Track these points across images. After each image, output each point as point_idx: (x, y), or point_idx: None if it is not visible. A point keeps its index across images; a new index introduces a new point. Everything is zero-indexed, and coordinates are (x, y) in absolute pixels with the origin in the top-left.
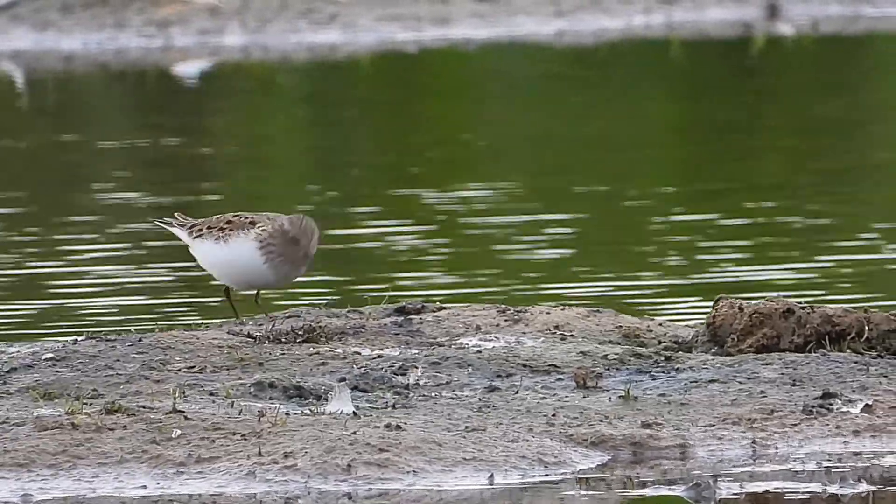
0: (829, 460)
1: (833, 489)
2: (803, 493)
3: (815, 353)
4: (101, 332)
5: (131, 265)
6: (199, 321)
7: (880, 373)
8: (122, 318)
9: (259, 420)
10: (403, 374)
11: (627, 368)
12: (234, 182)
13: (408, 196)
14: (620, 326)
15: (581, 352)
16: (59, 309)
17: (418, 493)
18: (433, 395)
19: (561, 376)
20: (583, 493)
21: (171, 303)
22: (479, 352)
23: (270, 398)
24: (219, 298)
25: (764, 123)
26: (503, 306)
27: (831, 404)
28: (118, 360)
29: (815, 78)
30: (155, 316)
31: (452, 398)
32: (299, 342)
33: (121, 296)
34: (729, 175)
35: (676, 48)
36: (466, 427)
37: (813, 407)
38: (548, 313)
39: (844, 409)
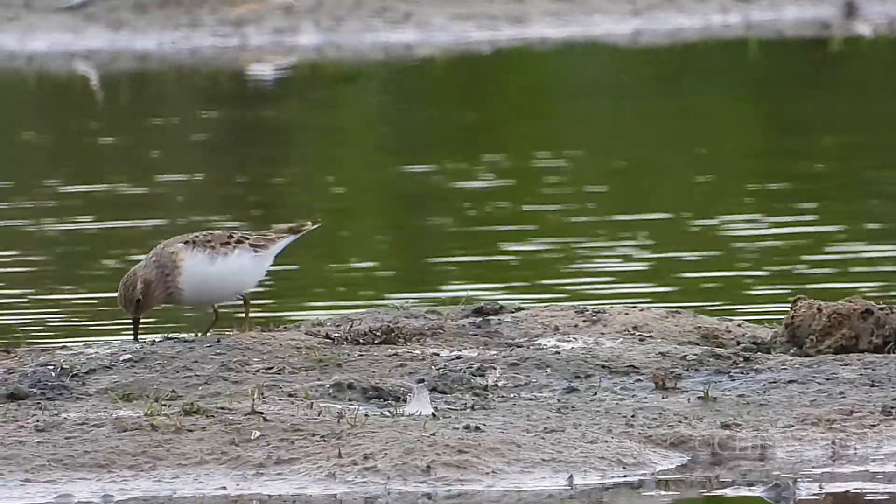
0: None
1: None
2: (882, 494)
3: (893, 353)
4: (180, 332)
5: None
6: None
7: None
8: (200, 318)
9: (338, 421)
10: (482, 376)
11: (706, 369)
12: (310, 181)
13: (485, 194)
14: (699, 327)
15: (660, 352)
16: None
17: (497, 494)
18: (512, 396)
19: (640, 377)
20: (662, 494)
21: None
22: (558, 353)
23: (349, 399)
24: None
25: (841, 122)
26: (582, 307)
27: None
28: (196, 362)
29: (893, 77)
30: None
31: (531, 399)
32: (378, 343)
33: None
34: (805, 174)
35: (754, 47)
36: (545, 428)
37: (892, 408)
38: (626, 314)
39: None
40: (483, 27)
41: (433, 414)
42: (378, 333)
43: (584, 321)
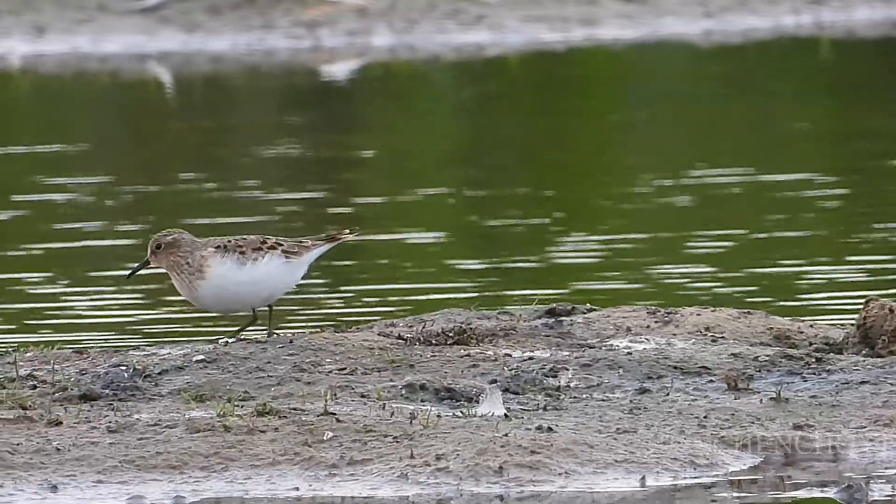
0: None
1: None
2: None
3: None
4: (252, 333)
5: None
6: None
7: None
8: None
9: (411, 422)
10: (554, 376)
11: (778, 370)
12: (383, 179)
13: (555, 198)
14: (771, 328)
15: (732, 353)
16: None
17: (570, 494)
18: (584, 396)
19: (712, 378)
20: (734, 495)
21: (321, 302)
22: (630, 353)
23: (422, 400)
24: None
25: None
26: (653, 308)
27: None
28: (269, 362)
29: None
30: (305, 317)
31: (603, 400)
32: (450, 344)
33: None
34: (877, 174)
35: (825, 48)
36: (618, 429)
37: None
38: (698, 315)
39: None
40: (555, 29)
41: (505, 415)
42: (450, 334)
43: (655, 322)
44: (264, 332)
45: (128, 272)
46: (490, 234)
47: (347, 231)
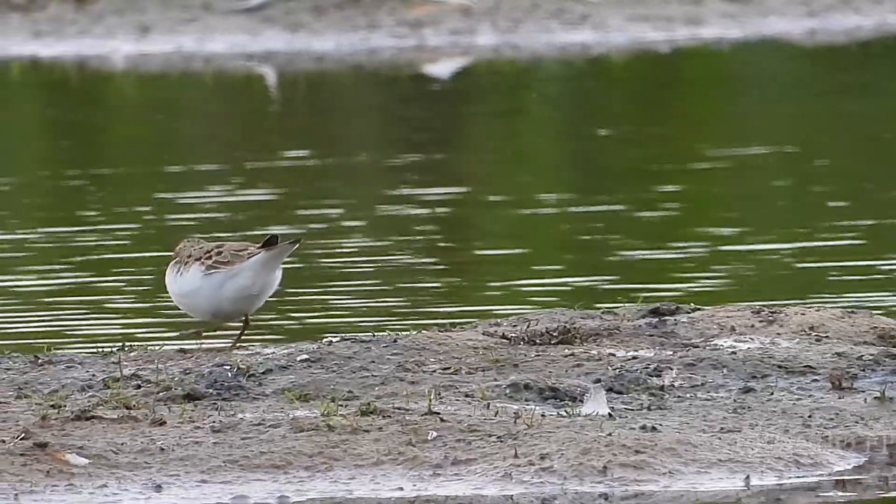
0: None
1: None
2: None
3: None
4: (356, 333)
5: (386, 260)
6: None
7: None
8: (378, 318)
9: (515, 422)
10: (658, 376)
11: (883, 369)
12: (488, 179)
13: (658, 197)
14: (876, 327)
15: (836, 353)
16: (312, 306)
17: (674, 494)
18: (688, 396)
19: (816, 377)
20: (839, 495)
21: (424, 301)
22: (734, 353)
23: (526, 400)
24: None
25: None
26: (758, 307)
27: None
28: (373, 362)
29: None
30: (410, 316)
31: (707, 399)
32: (554, 343)
33: (378, 296)
34: None
35: None
36: (722, 428)
37: None
38: (802, 314)
39: None
40: (659, 28)
41: (609, 414)
42: (555, 334)
43: (760, 321)
44: (367, 331)
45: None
46: (594, 232)
47: (288, 242)
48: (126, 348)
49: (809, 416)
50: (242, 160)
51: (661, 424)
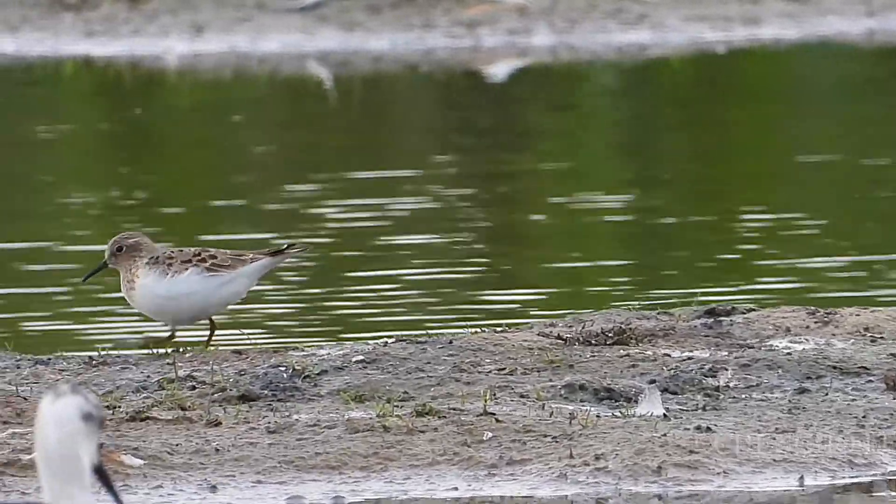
0: None
1: None
2: None
3: None
4: (412, 334)
5: (441, 261)
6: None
7: None
8: (433, 319)
9: (570, 422)
10: (713, 376)
11: None
12: (545, 179)
13: (715, 198)
14: None
15: (891, 354)
16: (368, 306)
17: (728, 494)
18: (743, 396)
19: (871, 378)
20: (893, 495)
21: (479, 301)
22: (789, 353)
23: (581, 400)
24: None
25: None
26: (813, 308)
27: None
28: (429, 363)
29: None
30: (465, 317)
31: (762, 400)
32: (609, 344)
33: (433, 297)
34: None
35: None
36: (776, 429)
37: None
38: (857, 315)
39: None
40: (717, 28)
41: (664, 414)
42: (610, 334)
43: (815, 322)
44: (422, 332)
45: (84, 277)
46: (650, 232)
47: (290, 244)
48: (181, 349)
49: (864, 417)
50: (296, 161)
51: (715, 425)
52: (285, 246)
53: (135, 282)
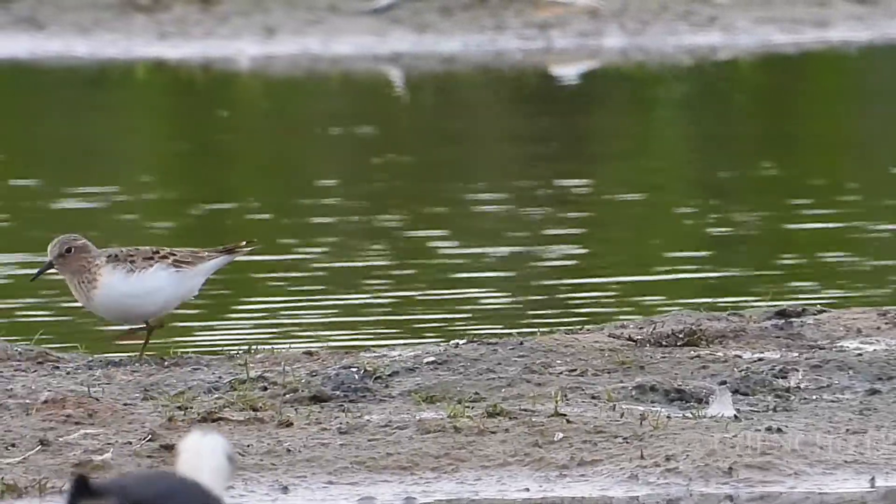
0: None
1: None
2: None
3: None
4: (483, 335)
5: (512, 261)
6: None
7: None
8: (504, 320)
9: (641, 423)
10: (784, 377)
11: None
12: (616, 180)
13: (785, 200)
14: None
15: None
16: (439, 307)
17: (799, 495)
18: (814, 398)
19: None
20: None
21: (550, 302)
22: (860, 355)
23: (651, 401)
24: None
25: None
26: (884, 309)
27: None
28: (500, 364)
29: None
30: (536, 318)
31: (833, 401)
32: (680, 345)
33: (504, 298)
34: None
35: None
36: (847, 430)
37: None
38: None
39: None
40: (786, 30)
41: (735, 416)
42: (681, 335)
43: (886, 323)
44: (493, 334)
45: (31, 277)
46: (721, 233)
47: (244, 243)
48: (252, 350)
49: None
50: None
51: (786, 426)
52: (244, 243)
53: (97, 281)
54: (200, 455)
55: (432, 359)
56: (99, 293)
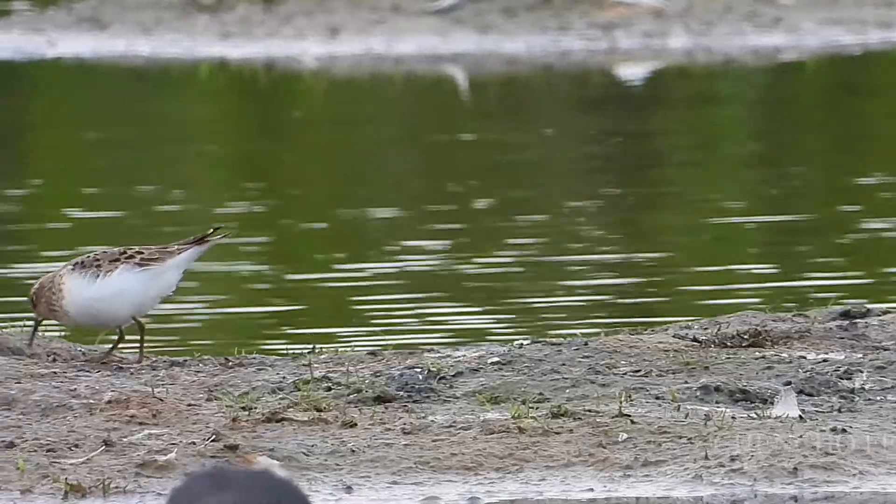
0: None
1: None
2: None
3: None
4: (547, 335)
5: (577, 262)
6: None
7: None
8: (568, 321)
9: (705, 424)
10: (848, 378)
11: None
12: (680, 182)
13: (862, 195)
14: None
15: None
16: (503, 308)
17: (864, 496)
18: (878, 399)
19: None
20: None
21: (614, 303)
22: None
23: (716, 402)
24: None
25: None
26: None
27: None
28: (564, 364)
29: None
30: (600, 319)
31: None
32: (745, 346)
33: (568, 299)
34: None
35: None
36: None
37: None
38: None
39: None
40: (851, 31)
41: (800, 416)
42: (745, 336)
43: None
44: (557, 334)
45: (28, 342)
46: (786, 234)
47: (211, 231)
48: (316, 350)
49: None
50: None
51: (851, 426)
52: (210, 231)
53: (62, 291)
54: None
55: (496, 359)
56: (65, 301)
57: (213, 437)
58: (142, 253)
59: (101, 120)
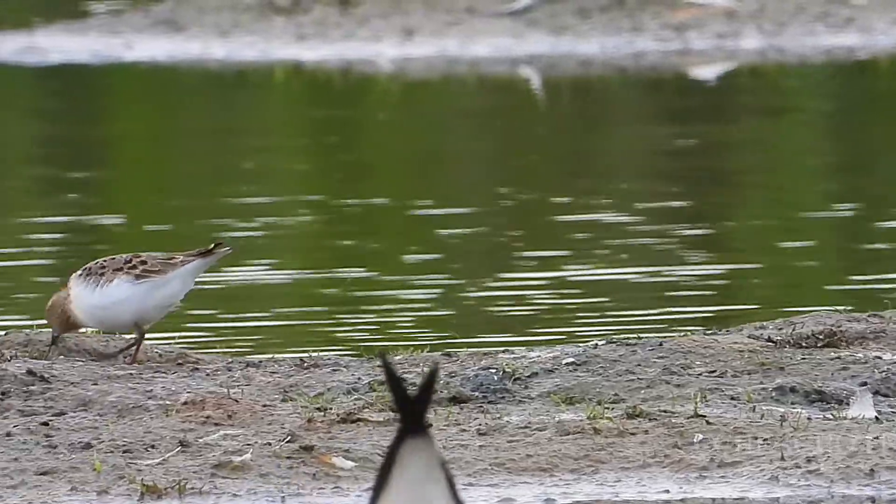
0: None
1: None
2: None
3: None
4: (622, 336)
5: (647, 263)
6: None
7: None
8: (642, 321)
9: (781, 425)
10: None
11: None
12: (756, 182)
13: None
14: None
15: None
16: (580, 309)
17: None
18: None
19: None
20: None
21: (688, 304)
22: None
23: (791, 402)
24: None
25: None
26: None
27: None
28: (639, 365)
29: None
30: (675, 319)
31: None
32: (820, 346)
33: (641, 299)
34: None
35: None
36: None
37: None
38: None
39: None
40: None
41: (877, 417)
42: (820, 336)
43: None
44: (632, 335)
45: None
46: (861, 235)
47: (214, 245)
48: (391, 351)
49: None
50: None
51: None
52: (213, 245)
53: (70, 295)
54: None
55: (571, 360)
56: (73, 305)
57: (289, 437)
58: (145, 263)
59: (179, 131)
